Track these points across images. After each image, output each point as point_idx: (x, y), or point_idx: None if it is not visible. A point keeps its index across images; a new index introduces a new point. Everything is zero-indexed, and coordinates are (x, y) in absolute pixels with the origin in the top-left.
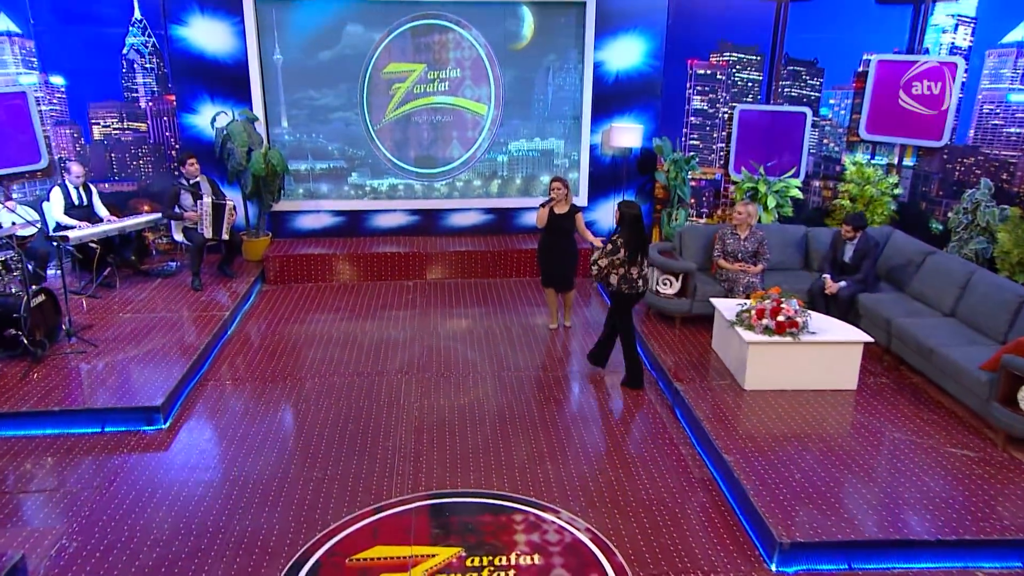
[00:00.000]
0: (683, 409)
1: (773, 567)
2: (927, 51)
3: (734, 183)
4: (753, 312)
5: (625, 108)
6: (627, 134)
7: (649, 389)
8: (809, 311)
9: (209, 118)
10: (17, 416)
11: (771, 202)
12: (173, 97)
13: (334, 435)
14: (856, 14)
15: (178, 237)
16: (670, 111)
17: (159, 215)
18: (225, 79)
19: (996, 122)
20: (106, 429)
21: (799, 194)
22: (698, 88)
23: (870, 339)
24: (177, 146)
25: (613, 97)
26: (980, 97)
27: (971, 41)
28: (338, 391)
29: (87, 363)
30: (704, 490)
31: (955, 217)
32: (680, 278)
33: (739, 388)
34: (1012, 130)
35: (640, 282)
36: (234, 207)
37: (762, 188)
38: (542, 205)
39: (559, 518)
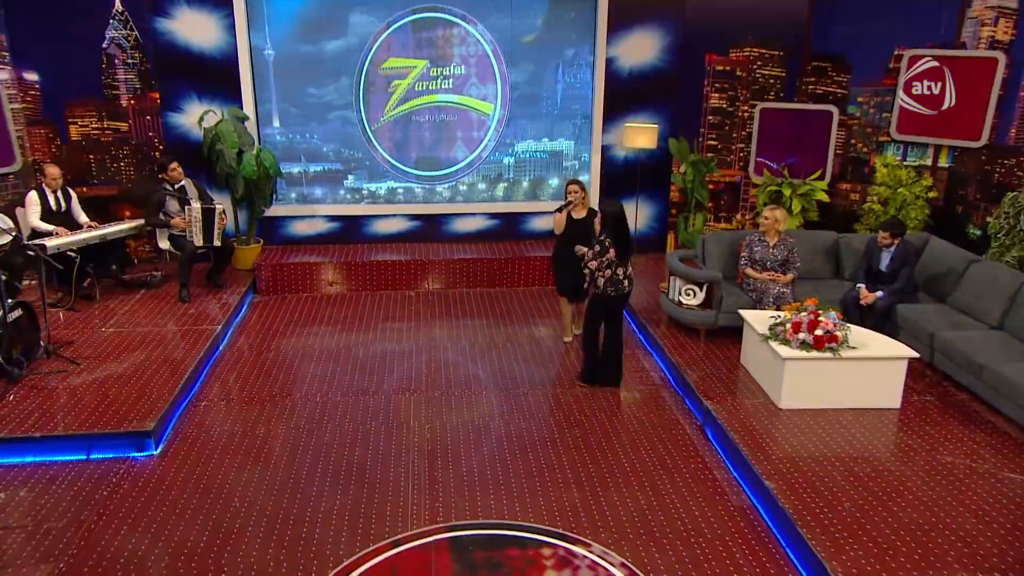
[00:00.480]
0: (714, 429)
1: None
2: (964, 45)
3: (756, 185)
4: (788, 325)
5: (639, 106)
6: (642, 134)
7: (674, 407)
8: (848, 324)
9: (195, 117)
10: None
11: (796, 206)
12: (157, 95)
13: (340, 461)
14: (886, 6)
15: (163, 245)
16: (686, 109)
17: (143, 221)
18: (213, 75)
19: None
20: (91, 456)
21: (825, 197)
22: (716, 85)
23: (915, 354)
24: (161, 147)
25: (626, 95)
26: (1023, 94)
27: (1013, 34)
28: (341, 412)
29: (69, 383)
30: (744, 520)
31: (995, 222)
32: (704, 288)
33: (773, 407)
34: None
35: (626, 283)
36: (224, 211)
37: (787, 191)
38: (558, 210)
39: (591, 552)
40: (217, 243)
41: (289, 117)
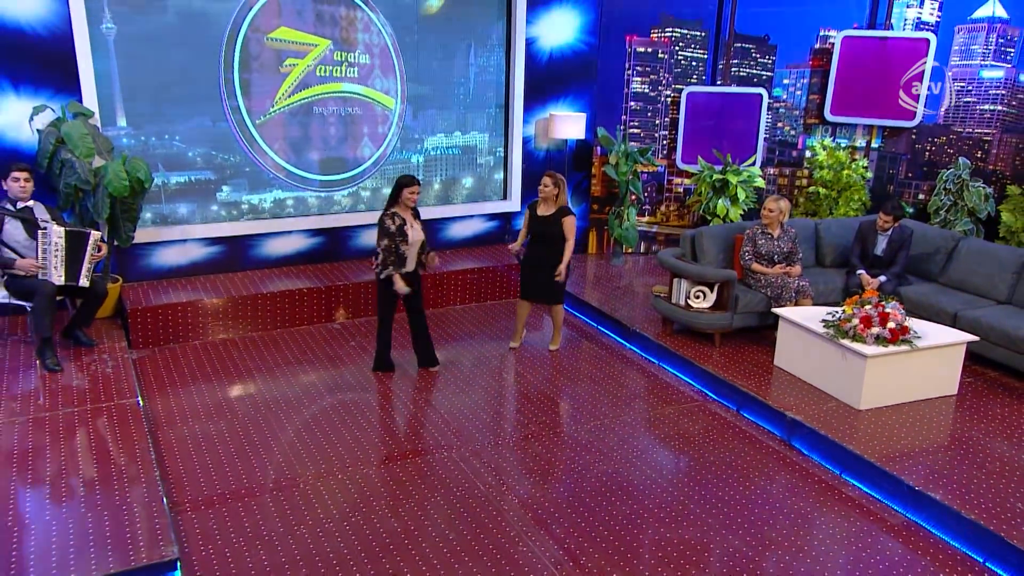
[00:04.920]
0: (808, 442)
1: None
2: (891, 27)
3: (689, 175)
4: (856, 321)
5: (560, 93)
6: (569, 124)
7: (740, 423)
8: (908, 314)
9: (9, 114)
10: None
11: (741, 194)
12: None
13: (442, 541)
14: None
15: None
16: (607, 95)
17: None
18: (36, 57)
19: (968, 100)
20: None
21: (763, 183)
22: (638, 68)
23: (974, 338)
24: None
25: (545, 81)
26: (950, 74)
27: (939, 16)
28: (394, 484)
29: None
30: (917, 537)
31: (936, 198)
32: (716, 288)
33: (851, 409)
34: (986, 107)
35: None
36: (102, 238)
37: (733, 179)
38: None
39: None
40: (85, 283)
41: (139, 113)
